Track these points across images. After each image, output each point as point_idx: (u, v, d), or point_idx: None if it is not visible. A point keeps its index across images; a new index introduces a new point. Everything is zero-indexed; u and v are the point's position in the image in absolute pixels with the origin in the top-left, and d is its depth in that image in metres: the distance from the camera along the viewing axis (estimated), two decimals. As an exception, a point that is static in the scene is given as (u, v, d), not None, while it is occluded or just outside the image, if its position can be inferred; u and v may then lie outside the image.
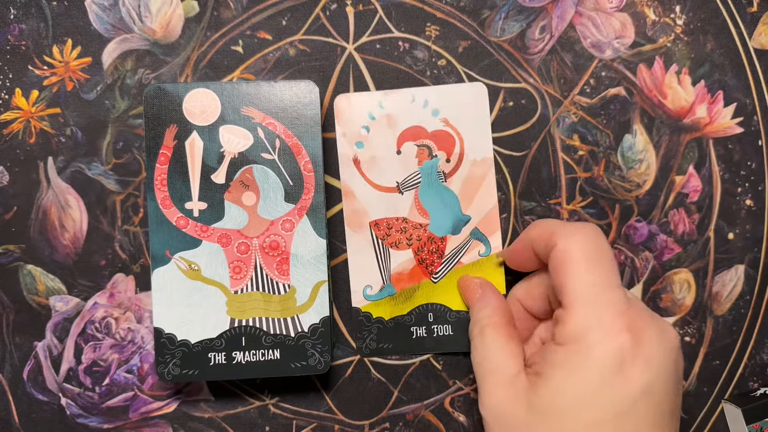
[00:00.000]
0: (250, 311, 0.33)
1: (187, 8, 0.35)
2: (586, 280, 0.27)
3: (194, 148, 0.31)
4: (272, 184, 0.32)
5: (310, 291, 0.33)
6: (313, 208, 0.32)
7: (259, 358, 0.33)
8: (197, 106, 0.32)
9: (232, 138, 0.32)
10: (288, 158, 0.32)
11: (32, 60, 0.35)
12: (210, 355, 0.32)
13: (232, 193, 0.32)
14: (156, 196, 0.32)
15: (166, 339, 0.32)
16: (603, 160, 0.37)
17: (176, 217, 0.32)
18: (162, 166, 0.31)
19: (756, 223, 0.37)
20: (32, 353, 0.36)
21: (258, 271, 0.33)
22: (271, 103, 0.32)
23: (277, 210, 0.32)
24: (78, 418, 0.36)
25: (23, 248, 0.35)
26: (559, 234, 0.28)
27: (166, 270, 0.32)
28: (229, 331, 0.33)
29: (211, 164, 0.32)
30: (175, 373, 0.32)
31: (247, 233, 0.32)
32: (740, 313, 0.38)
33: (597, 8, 0.36)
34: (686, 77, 0.37)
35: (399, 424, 0.37)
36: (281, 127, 0.32)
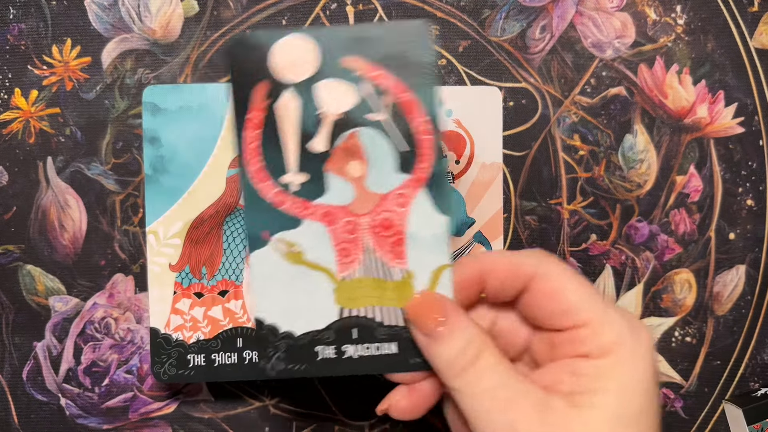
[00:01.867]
0: (361, 299, 0.28)
1: (187, 8, 0.35)
2: (589, 293, 0.26)
3: (288, 111, 0.26)
4: (382, 151, 0.27)
5: (430, 276, 0.28)
6: (433, 179, 0.27)
7: (374, 353, 0.28)
8: (290, 58, 0.26)
9: (333, 96, 0.26)
10: (400, 118, 0.27)
11: (32, 60, 0.35)
12: (317, 348, 0.28)
13: (334, 163, 0.27)
14: (248, 168, 0.27)
15: (267, 330, 0.28)
16: (604, 160, 0.37)
17: (272, 192, 0.27)
18: (253, 132, 0.27)
19: (757, 223, 0.37)
20: (32, 353, 0.36)
21: (368, 254, 0.28)
22: (379, 51, 0.26)
23: (389, 182, 0.27)
24: (77, 419, 0.36)
25: (23, 248, 0.35)
26: (528, 264, 0.27)
27: (263, 253, 0.27)
28: (338, 321, 0.28)
29: (309, 129, 0.27)
30: (280, 368, 0.28)
31: (355, 210, 0.27)
32: (741, 313, 0.37)
33: (597, 8, 0.36)
34: (687, 77, 0.37)
35: (399, 424, 0.37)
36: (392, 80, 0.26)
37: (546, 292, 0.26)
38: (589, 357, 0.26)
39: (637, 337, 0.25)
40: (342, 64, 0.26)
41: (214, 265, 0.34)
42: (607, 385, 0.25)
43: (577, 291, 0.26)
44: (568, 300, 0.26)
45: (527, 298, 0.27)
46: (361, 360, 0.28)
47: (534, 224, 0.37)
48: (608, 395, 0.24)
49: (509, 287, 0.27)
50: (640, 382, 0.25)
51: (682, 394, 0.37)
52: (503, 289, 0.27)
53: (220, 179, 0.33)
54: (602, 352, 0.25)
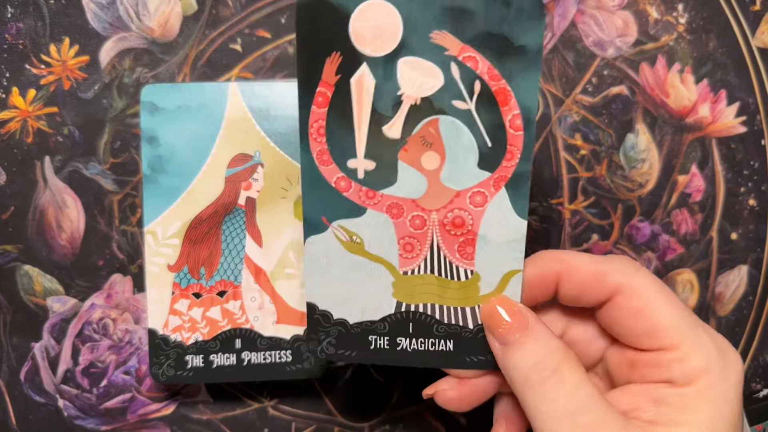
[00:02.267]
0: (421, 296, 0.26)
1: (186, 6, 0.35)
2: (680, 313, 0.24)
3: (363, 88, 0.24)
4: (464, 143, 0.24)
5: (499, 280, 0.26)
6: (516, 179, 0.24)
7: (428, 347, 0.27)
8: (370, 28, 0.23)
9: (415, 77, 0.23)
10: (490, 109, 0.24)
11: (29, 59, 0.35)
12: (371, 338, 0.27)
13: (409, 152, 0.25)
14: (311, 148, 0.24)
15: (319, 315, 0.27)
16: (605, 159, 0.36)
17: (336, 176, 0.25)
18: (319, 109, 0.24)
19: (759, 223, 0.37)
20: (29, 354, 0.35)
21: (434, 252, 0.26)
22: (477, 28, 0.23)
23: (466, 178, 0.25)
24: (76, 420, 0.36)
25: (20, 248, 0.35)
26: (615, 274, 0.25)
27: (321, 239, 0.26)
28: (394, 315, 0.27)
29: (384, 111, 0.24)
30: (330, 352, 0.27)
31: (425, 204, 0.25)
32: (743, 313, 0.37)
33: (599, 6, 0.36)
34: (689, 76, 0.36)
35: (399, 425, 0.36)
36: (485, 64, 0.23)
37: (631, 309, 0.24)
38: (673, 384, 0.24)
39: (726, 364, 0.24)
40: (431, 40, 0.23)
41: (212, 266, 0.34)
42: (693, 418, 0.23)
43: (667, 311, 0.24)
44: (656, 321, 0.24)
45: (609, 311, 0.25)
46: (414, 353, 0.27)
47: (535, 224, 0.36)
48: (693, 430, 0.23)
49: (590, 296, 0.25)
50: (727, 416, 0.23)
51: (684, 395, 0.37)
52: (582, 296, 0.25)
53: (219, 179, 0.33)
54: (688, 380, 0.23)
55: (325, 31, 0.23)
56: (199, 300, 0.33)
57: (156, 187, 0.33)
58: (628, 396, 0.25)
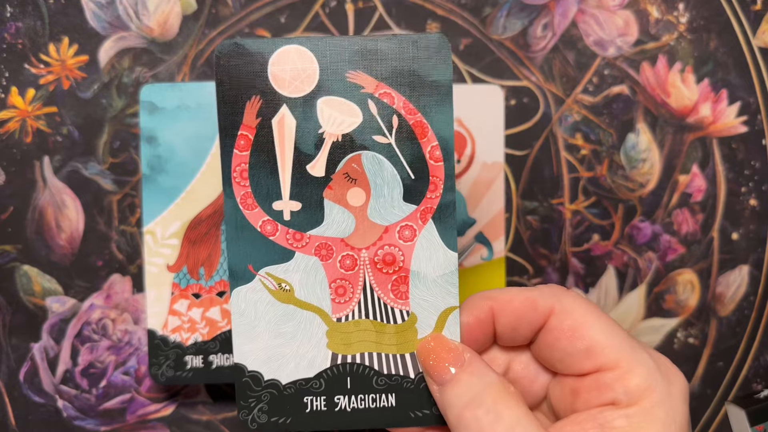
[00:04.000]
0: (357, 344, 0.25)
1: (185, 5, 0.35)
2: (614, 330, 0.24)
3: (284, 129, 0.24)
4: (387, 177, 0.25)
5: (436, 319, 0.25)
6: (442, 210, 0.25)
7: (369, 404, 0.25)
8: (288, 70, 0.24)
9: (335, 115, 0.24)
10: (409, 142, 0.24)
11: (29, 58, 0.35)
12: (306, 399, 0.25)
13: (334, 190, 0.24)
14: (234, 193, 0.24)
15: (249, 378, 0.25)
16: (606, 159, 0.36)
17: (261, 220, 0.24)
18: (242, 152, 0.24)
19: (760, 223, 0.37)
20: (29, 355, 0.35)
21: (368, 293, 0.25)
22: (389, 66, 0.24)
23: (393, 212, 0.25)
24: (75, 420, 0.35)
25: (19, 248, 0.35)
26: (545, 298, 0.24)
27: (248, 289, 0.25)
28: (330, 369, 0.25)
29: (307, 150, 0.24)
30: (262, 421, 0.25)
31: (354, 243, 0.25)
32: (744, 314, 0.37)
33: (600, 6, 0.36)
34: (690, 76, 0.36)
35: (399, 426, 0.36)
36: (400, 99, 0.24)
37: (565, 330, 0.24)
38: (617, 405, 0.23)
39: (670, 382, 0.23)
40: (347, 79, 0.24)
41: (212, 266, 0.33)
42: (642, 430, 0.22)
43: (601, 328, 0.24)
44: (590, 337, 0.24)
45: (545, 338, 0.25)
46: (354, 412, 0.25)
47: (536, 224, 0.36)
48: None
49: (525, 325, 0.25)
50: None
51: (685, 396, 0.37)
52: (518, 327, 0.25)
53: (218, 179, 0.33)
54: (632, 400, 0.23)
55: (244, 76, 0.24)
56: (198, 300, 0.33)
57: (155, 187, 0.33)
58: (572, 425, 0.23)
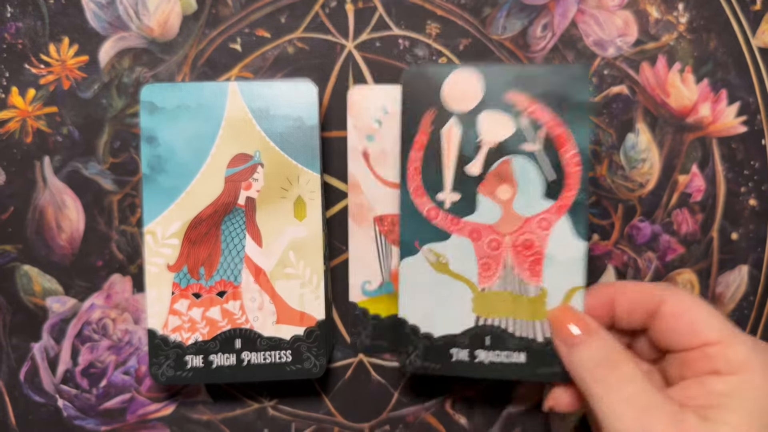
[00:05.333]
0: (497, 310, 0.31)
1: (185, 6, 0.35)
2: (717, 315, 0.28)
3: (451, 137, 0.30)
4: (531, 178, 0.30)
5: (563, 296, 0.31)
6: (575, 207, 0.30)
7: (503, 360, 0.31)
8: (458, 90, 0.29)
9: (492, 126, 0.29)
10: (551, 150, 0.30)
11: (29, 58, 0.35)
12: (452, 350, 0.31)
13: (486, 186, 0.30)
14: (408, 185, 0.30)
15: (409, 329, 0.31)
16: (606, 159, 0.36)
17: (427, 207, 0.30)
18: (416, 153, 0.30)
19: (760, 223, 0.37)
20: (29, 354, 0.35)
21: (508, 270, 0.31)
22: (540, 88, 0.29)
23: (534, 206, 0.30)
24: (75, 420, 0.36)
25: (20, 248, 0.35)
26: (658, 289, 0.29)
27: (413, 261, 0.31)
28: (473, 328, 0.31)
29: (467, 154, 0.30)
30: (417, 364, 0.31)
31: (500, 229, 0.30)
32: (744, 313, 0.37)
33: (599, 6, 0.36)
34: (689, 76, 0.36)
35: (399, 426, 0.36)
36: (547, 115, 0.29)
37: (675, 314, 0.29)
38: (720, 373, 0.27)
39: (766, 356, 0.27)
40: (505, 98, 0.29)
41: (212, 266, 0.33)
42: (738, 402, 0.26)
43: (706, 312, 0.28)
44: (697, 320, 0.28)
45: (657, 323, 0.29)
46: (491, 365, 0.31)
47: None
48: (739, 412, 0.26)
49: (640, 310, 0.29)
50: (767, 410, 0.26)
51: (685, 396, 0.37)
52: (634, 312, 0.30)
53: (219, 179, 0.33)
54: (732, 369, 0.27)
55: (423, 94, 0.30)
56: (198, 300, 0.33)
57: (155, 187, 0.33)
58: (681, 390, 0.28)
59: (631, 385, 0.27)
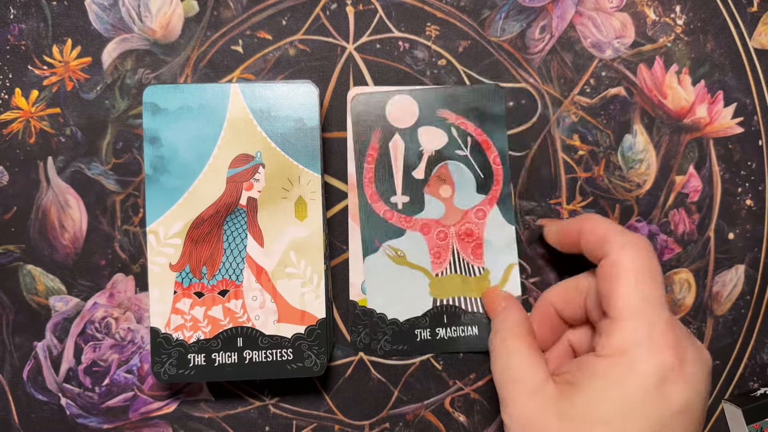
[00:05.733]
0: (450, 291, 0.35)
1: (187, 8, 0.35)
2: (637, 295, 0.27)
3: (397, 148, 0.35)
4: (466, 177, 0.35)
5: (503, 272, 0.36)
6: (503, 198, 0.35)
7: (460, 334, 0.35)
8: (398, 110, 0.35)
9: (430, 138, 0.35)
10: (478, 154, 0.35)
11: (32, 60, 0.35)
12: (417, 331, 0.35)
13: (431, 187, 0.35)
14: (365, 192, 0.35)
15: (377, 318, 0.35)
16: (603, 160, 0.37)
17: (383, 210, 0.35)
18: (370, 165, 0.35)
19: (756, 223, 0.37)
20: (32, 353, 0.36)
21: (455, 256, 0.35)
22: (461, 105, 0.35)
23: (470, 201, 0.35)
24: (78, 418, 0.36)
25: (23, 248, 0.35)
26: (612, 242, 0.29)
27: (376, 257, 0.35)
28: (432, 309, 0.35)
29: (412, 161, 0.35)
30: (387, 348, 0.35)
31: (445, 222, 0.35)
32: (740, 313, 0.38)
33: (597, 8, 0.36)
34: (686, 77, 0.37)
35: (399, 424, 0.37)
36: (471, 126, 0.35)
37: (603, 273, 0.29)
38: (596, 353, 0.28)
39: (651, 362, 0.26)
40: (437, 115, 0.35)
41: (214, 265, 0.34)
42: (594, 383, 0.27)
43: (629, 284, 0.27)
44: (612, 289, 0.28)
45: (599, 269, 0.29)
46: (450, 340, 0.35)
47: (534, 224, 0.37)
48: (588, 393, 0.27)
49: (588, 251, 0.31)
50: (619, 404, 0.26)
51: (682, 394, 0.37)
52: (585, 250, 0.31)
53: (221, 179, 0.34)
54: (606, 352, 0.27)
55: (370, 115, 0.35)
56: (200, 299, 0.34)
57: (158, 187, 0.33)
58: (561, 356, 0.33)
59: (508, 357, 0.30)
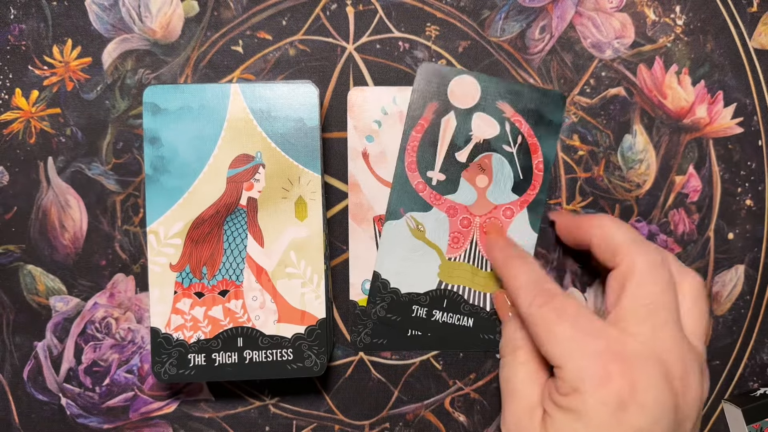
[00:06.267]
0: (457, 279, 0.36)
1: (187, 8, 0.35)
2: (560, 337, 0.28)
3: (448, 126, 0.35)
4: (505, 173, 0.35)
5: None
6: (535, 204, 0.36)
7: (455, 322, 0.36)
8: (460, 90, 0.35)
9: (482, 125, 0.35)
10: (524, 154, 0.35)
11: (32, 60, 0.35)
12: (414, 307, 0.36)
13: (469, 173, 0.35)
14: (405, 159, 0.35)
15: (380, 283, 0.36)
16: (603, 160, 0.37)
17: (417, 181, 0.35)
18: (417, 134, 0.35)
19: (756, 223, 0.37)
20: (32, 353, 0.36)
21: (473, 246, 0.36)
22: (522, 103, 0.35)
23: (503, 197, 0.36)
24: (78, 418, 0.36)
25: (23, 248, 0.35)
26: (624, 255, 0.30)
27: (396, 224, 0.35)
28: (435, 290, 0.36)
29: (459, 143, 0.35)
30: (381, 315, 0.36)
31: (473, 211, 0.35)
32: (740, 313, 0.38)
33: (597, 8, 0.36)
34: (686, 77, 0.37)
35: (399, 424, 0.37)
36: (526, 126, 0.35)
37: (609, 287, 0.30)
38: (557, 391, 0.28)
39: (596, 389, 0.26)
40: (496, 105, 0.35)
41: (214, 265, 0.34)
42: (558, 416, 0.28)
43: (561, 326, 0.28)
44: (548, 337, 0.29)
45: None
46: (444, 325, 0.36)
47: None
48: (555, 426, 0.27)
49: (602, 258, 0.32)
50: None
51: (682, 394, 0.37)
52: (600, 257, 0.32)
53: (221, 179, 0.34)
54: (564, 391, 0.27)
55: (433, 86, 0.35)
56: (201, 299, 0.34)
57: (158, 188, 0.33)
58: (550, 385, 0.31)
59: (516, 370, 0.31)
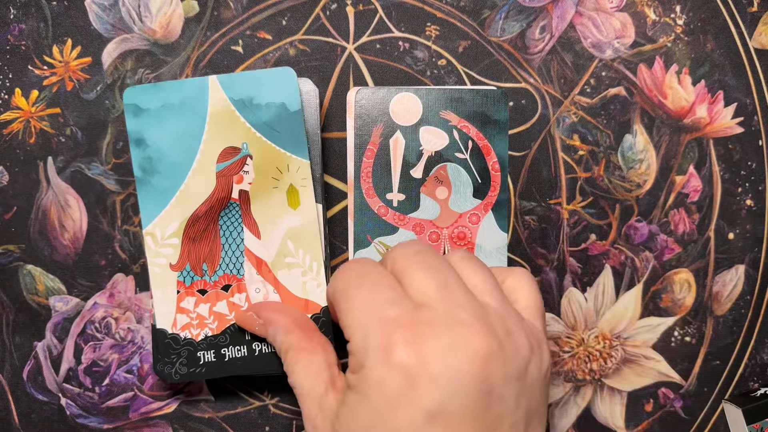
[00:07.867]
0: None
1: (187, 8, 0.35)
2: (354, 305, 0.26)
3: (397, 146, 0.35)
4: (463, 180, 0.35)
5: None
6: (498, 205, 0.35)
7: None
8: (401, 108, 0.35)
9: (431, 138, 0.35)
10: (478, 158, 0.35)
11: (32, 60, 0.35)
12: None
13: (427, 187, 0.35)
14: (361, 187, 0.35)
15: None
16: (603, 160, 0.37)
17: (378, 206, 0.35)
18: (368, 160, 0.35)
19: (756, 223, 0.37)
20: (32, 353, 0.36)
21: None
22: (466, 108, 0.35)
23: (465, 204, 0.35)
24: (78, 418, 0.36)
25: (23, 248, 0.35)
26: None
27: (366, 252, 0.35)
28: None
29: (411, 160, 0.35)
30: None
31: (439, 224, 0.35)
32: (740, 313, 0.38)
33: (597, 8, 0.36)
34: (686, 77, 0.37)
35: (399, 424, 0.37)
36: (474, 130, 0.35)
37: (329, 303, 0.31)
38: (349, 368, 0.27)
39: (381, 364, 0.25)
40: (440, 116, 0.35)
41: (214, 261, 0.34)
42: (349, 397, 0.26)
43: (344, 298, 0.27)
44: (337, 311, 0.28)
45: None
46: None
47: (534, 224, 0.37)
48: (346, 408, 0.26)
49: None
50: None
51: (682, 394, 0.37)
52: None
53: (210, 175, 0.33)
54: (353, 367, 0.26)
55: (373, 110, 0.35)
56: (204, 296, 0.34)
57: (149, 189, 0.33)
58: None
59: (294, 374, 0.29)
